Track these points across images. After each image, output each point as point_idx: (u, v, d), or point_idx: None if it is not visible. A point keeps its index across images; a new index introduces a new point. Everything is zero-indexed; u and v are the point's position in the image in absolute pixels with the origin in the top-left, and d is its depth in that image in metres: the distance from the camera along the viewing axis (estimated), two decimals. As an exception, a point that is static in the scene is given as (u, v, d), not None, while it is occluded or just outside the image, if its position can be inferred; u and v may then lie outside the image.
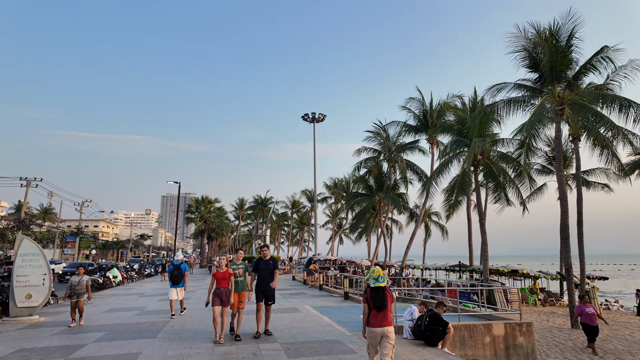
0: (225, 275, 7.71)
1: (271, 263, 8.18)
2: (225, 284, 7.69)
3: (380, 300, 4.99)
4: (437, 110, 28.42)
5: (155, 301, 15.09)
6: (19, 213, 40.35)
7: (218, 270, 7.79)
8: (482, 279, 19.80)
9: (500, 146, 20.52)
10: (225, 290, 7.69)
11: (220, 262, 7.85)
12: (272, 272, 8.13)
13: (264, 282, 8.00)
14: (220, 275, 7.73)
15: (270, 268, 8.13)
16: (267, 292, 8.04)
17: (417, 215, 37.16)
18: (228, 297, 7.66)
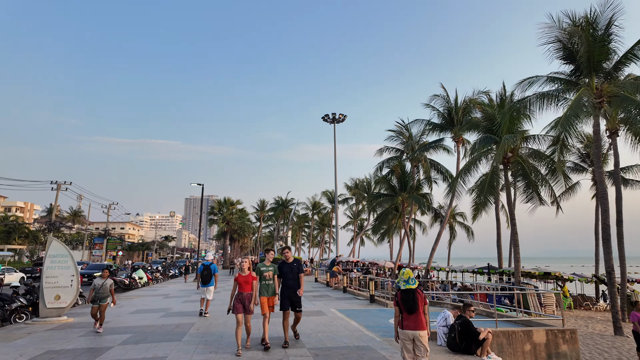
0: (247, 279, 7.12)
1: (295, 266, 7.59)
2: (247, 288, 7.10)
3: (410, 302, 4.95)
4: (463, 107, 27.58)
5: (179, 302, 15.09)
6: (51, 216, 41.74)
7: (240, 274, 7.19)
8: (513, 281, 18.93)
9: (531, 143, 19.62)
10: (247, 295, 7.10)
11: (242, 265, 7.22)
12: (297, 277, 7.53)
13: (290, 287, 7.43)
14: (243, 279, 7.12)
15: (295, 272, 7.54)
16: (294, 299, 7.47)
17: (442, 215, 36.28)
18: (250, 303, 7.07)
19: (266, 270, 7.44)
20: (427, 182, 31.93)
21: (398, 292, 5.15)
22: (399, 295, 5.09)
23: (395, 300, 5.17)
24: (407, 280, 5.13)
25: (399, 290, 5.14)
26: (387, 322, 10.26)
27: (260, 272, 7.42)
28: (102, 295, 9.37)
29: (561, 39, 15.09)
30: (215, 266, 11.52)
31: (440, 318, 7.48)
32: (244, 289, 7.12)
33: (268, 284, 7.40)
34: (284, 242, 43.29)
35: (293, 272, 7.49)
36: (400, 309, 5.08)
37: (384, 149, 34.41)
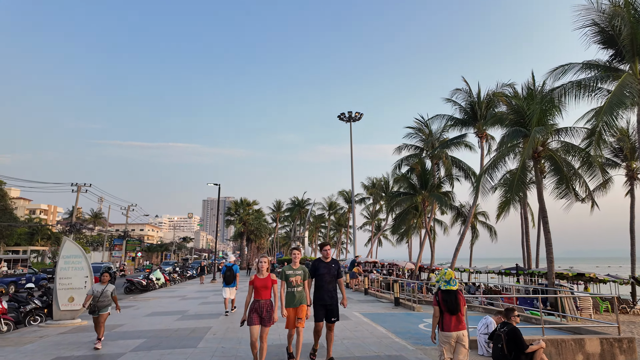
0: (266, 283, 5.80)
1: (334, 267, 6.24)
2: (266, 294, 5.77)
3: (453, 303, 4.95)
4: (486, 101, 26.47)
5: (196, 304, 14.63)
6: (72, 217, 42.36)
7: (257, 277, 5.85)
8: (546, 283, 17.81)
9: (563, 136, 18.46)
10: (266, 303, 5.76)
11: (261, 266, 5.88)
12: (335, 280, 6.24)
13: (326, 292, 6.13)
14: (260, 282, 5.79)
15: (334, 274, 6.21)
16: (330, 306, 6.10)
17: (465, 214, 35.05)
18: (270, 312, 5.71)
19: (293, 274, 6.06)
20: (448, 180, 30.85)
21: (439, 292, 5.14)
22: (440, 296, 5.07)
23: (436, 301, 5.12)
24: (448, 281, 5.09)
25: (440, 291, 5.13)
26: (417, 328, 9.49)
27: (286, 277, 6.07)
28: (102, 304, 7.92)
29: (599, 21, 13.99)
30: (237, 267, 12.41)
31: (482, 325, 6.69)
32: (262, 295, 5.77)
33: (296, 291, 6.02)
34: (301, 243, 42.76)
35: (331, 274, 6.22)
36: (440, 309, 5.05)
37: (403, 147, 33.43)
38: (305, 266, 6.26)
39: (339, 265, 6.36)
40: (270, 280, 5.86)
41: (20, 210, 78.34)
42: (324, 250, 6.35)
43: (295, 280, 6.06)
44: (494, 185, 24.96)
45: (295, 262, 6.16)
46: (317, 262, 6.35)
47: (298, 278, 6.09)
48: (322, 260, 6.33)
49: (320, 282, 6.21)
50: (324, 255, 6.35)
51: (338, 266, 6.35)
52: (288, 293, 6.04)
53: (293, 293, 6.02)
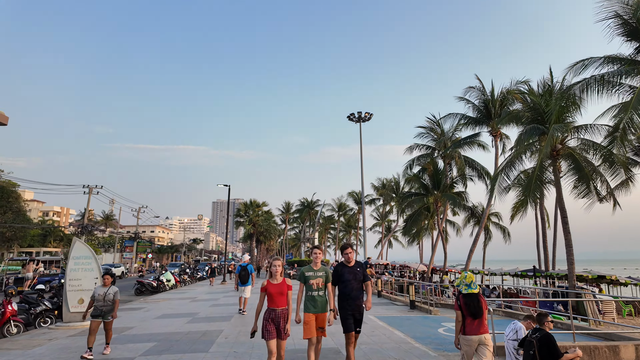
0: (281, 288, 5.03)
1: (360, 271, 5.57)
2: (282, 302, 5.00)
3: (475, 307, 4.89)
4: (500, 99, 25.89)
5: (207, 306, 14.40)
6: (84, 219, 42.68)
7: (270, 282, 5.07)
8: (566, 285, 17.20)
9: (582, 133, 17.84)
10: (283, 313, 4.99)
11: (274, 270, 5.09)
12: (361, 285, 5.54)
13: (352, 299, 5.42)
14: (274, 289, 5.00)
15: (359, 279, 5.52)
16: (358, 315, 5.49)
17: (479, 215, 34.39)
18: (286, 322, 4.99)
19: (314, 276, 5.33)
20: (461, 180, 30.27)
21: (460, 296, 5.06)
22: (461, 300, 4.99)
23: (457, 305, 5.05)
24: (469, 285, 5.03)
25: (461, 295, 5.05)
26: (437, 332, 9.09)
27: (305, 279, 5.36)
28: (106, 309, 7.25)
29: (622, 13, 13.43)
30: (252, 267, 12.66)
31: (510, 330, 6.28)
32: (277, 303, 5.00)
33: (317, 295, 5.28)
34: (311, 244, 42.42)
35: (357, 280, 5.49)
36: (463, 313, 4.96)
37: (414, 147, 32.93)
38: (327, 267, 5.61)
39: (364, 268, 5.69)
40: (286, 286, 5.06)
41: (34, 212, 79.56)
42: (346, 254, 5.61)
43: (316, 283, 5.29)
44: (508, 185, 24.34)
45: (316, 262, 5.43)
46: (340, 267, 5.60)
47: (319, 280, 5.31)
48: (345, 265, 5.60)
49: (346, 289, 5.47)
50: (346, 258, 5.62)
51: (364, 269, 5.67)
52: (308, 297, 5.30)
53: (314, 297, 5.27)
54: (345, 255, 5.65)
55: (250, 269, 12.49)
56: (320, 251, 5.56)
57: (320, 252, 5.55)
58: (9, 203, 44.26)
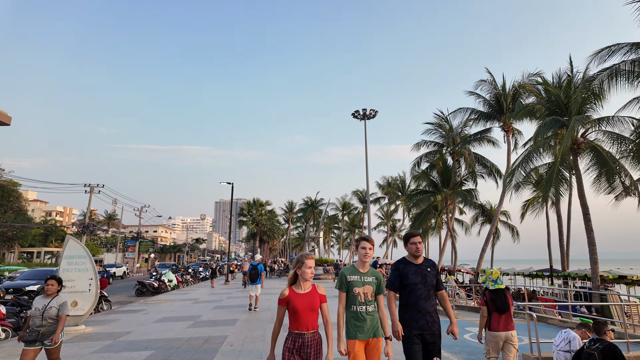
0: (312, 301, 3.30)
1: (431, 272, 3.87)
2: (313, 321, 3.28)
3: (502, 302, 4.89)
4: (512, 93, 25.03)
5: (209, 309, 13.62)
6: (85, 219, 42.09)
7: (294, 291, 3.35)
8: (590, 286, 16.32)
9: (604, 126, 16.94)
10: (314, 338, 3.28)
11: (303, 272, 3.37)
12: (433, 294, 3.83)
13: (422, 313, 3.70)
14: (303, 302, 3.29)
15: (431, 283, 3.82)
16: (431, 338, 3.70)
17: (489, 213, 33.52)
18: (319, 354, 3.30)
19: (361, 282, 3.56)
20: (471, 177, 29.43)
21: (486, 292, 5.05)
22: (488, 296, 4.99)
23: (484, 300, 5.05)
24: (495, 280, 5.06)
25: (487, 290, 5.05)
26: (463, 339, 8.26)
27: (348, 285, 3.56)
28: (46, 329, 4.91)
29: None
30: (262, 266, 12.83)
31: (561, 340, 5.45)
32: (306, 323, 3.26)
33: (365, 312, 3.50)
34: (316, 244, 41.63)
35: (427, 284, 3.79)
36: (489, 309, 4.98)
37: (422, 143, 32.11)
38: (377, 270, 3.78)
39: (437, 269, 3.95)
40: (319, 296, 3.34)
41: (37, 212, 79.21)
42: (413, 243, 3.86)
43: (364, 293, 3.53)
44: (523, 181, 23.40)
45: (365, 261, 3.64)
46: (402, 264, 3.92)
47: (368, 289, 3.55)
48: (409, 261, 3.91)
49: (411, 297, 3.76)
50: (412, 251, 3.88)
51: (436, 270, 3.94)
52: (351, 315, 3.53)
53: (361, 315, 3.48)
54: (412, 246, 3.86)
55: (261, 268, 12.82)
56: (372, 245, 3.66)
57: (371, 246, 3.65)
58: (10, 202, 43.73)
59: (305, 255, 3.38)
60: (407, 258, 3.97)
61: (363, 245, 3.65)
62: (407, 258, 3.97)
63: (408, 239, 3.96)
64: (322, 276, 33.64)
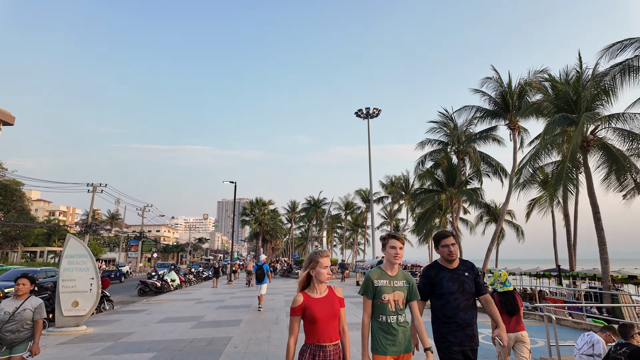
0: (332, 306, 2.84)
1: (469, 277, 3.33)
2: (334, 330, 2.83)
3: (512, 304, 4.89)
4: (518, 90, 24.69)
5: (213, 309, 13.41)
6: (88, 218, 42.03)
7: (308, 295, 2.87)
8: (600, 287, 15.99)
9: (614, 122, 16.61)
10: (335, 352, 2.81)
11: (317, 273, 2.87)
12: (473, 302, 3.31)
13: (461, 326, 3.18)
14: (322, 308, 2.81)
15: (470, 291, 3.29)
16: (472, 353, 3.22)
17: (495, 212, 33.20)
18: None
19: (390, 288, 3.05)
20: (476, 176, 29.12)
21: (495, 294, 5.02)
22: (496, 298, 4.96)
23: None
24: (504, 282, 5.03)
25: (496, 293, 5.02)
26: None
27: (375, 290, 3.04)
28: (17, 336, 4.25)
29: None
30: (267, 266, 13.27)
31: (584, 343, 5.19)
32: (327, 334, 2.79)
33: (396, 322, 2.98)
34: (319, 243, 41.39)
35: (466, 291, 3.26)
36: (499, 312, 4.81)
37: (426, 142, 31.81)
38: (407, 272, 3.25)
39: (476, 271, 3.41)
40: (338, 300, 2.87)
41: (41, 212, 79.34)
42: (444, 247, 3.36)
43: (395, 301, 3.00)
44: (530, 180, 23.07)
45: (394, 263, 3.11)
46: (434, 270, 3.37)
47: (399, 295, 3.03)
48: (442, 266, 3.38)
49: (448, 308, 3.22)
50: (446, 255, 3.35)
51: (475, 273, 3.39)
52: (380, 326, 2.98)
53: (391, 327, 2.95)
54: (445, 249, 3.35)
55: (266, 268, 13.25)
56: (402, 244, 3.13)
57: (402, 245, 3.12)
58: (13, 202, 43.74)
59: (319, 253, 2.88)
60: (439, 262, 3.46)
61: (392, 243, 3.13)
62: (440, 262, 3.45)
63: (439, 241, 3.43)
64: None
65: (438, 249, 3.46)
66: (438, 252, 3.46)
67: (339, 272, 34.29)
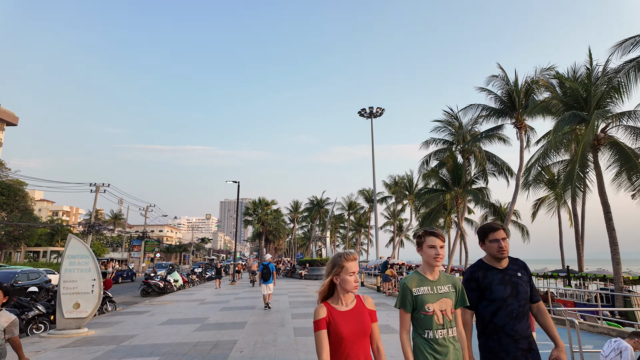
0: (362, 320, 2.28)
1: (522, 278, 2.77)
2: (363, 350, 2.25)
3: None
4: (525, 88, 24.37)
5: (217, 310, 13.18)
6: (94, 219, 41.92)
7: (332, 307, 2.30)
8: (612, 288, 15.67)
9: (626, 120, 16.28)
10: None
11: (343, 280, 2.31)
12: (527, 309, 2.76)
13: (515, 338, 2.63)
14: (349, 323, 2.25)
15: (525, 295, 2.73)
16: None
17: (501, 212, 32.86)
18: None
19: (434, 295, 2.52)
20: (482, 175, 28.82)
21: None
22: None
23: None
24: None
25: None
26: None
27: (415, 301, 2.51)
28: None
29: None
30: (273, 265, 13.48)
31: (611, 350, 4.91)
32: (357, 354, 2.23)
33: (443, 338, 2.45)
34: (323, 243, 41.14)
35: (521, 295, 2.72)
36: None
37: (430, 141, 31.47)
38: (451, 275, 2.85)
39: (529, 273, 2.90)
40: (368, 313, 2.35)
41: (44, 212, 79.48)
42: (493, 241, 2.75)
43: (443, 311, 2.50)
44: (534, 180, 22.74)
45: (435, 265, 2.59)
46: (481, 270, 2.81)
47: (447, 304, 2.52)
48: (490, 266, 2.81)
49: (499, 317, 2.67)
50: (493, 251, 2.76)
51: (529, 274, 2.88)
52: (426, 344, 2.46)
53: (437, 344, 2.44)
54: (494, 244, 2.74)
55: (272, 267, 13.40)
56: (443, 242, 2.60)
57: (442, 244, 2.59)
58: (16, 202, 43.70)
59: (345, 256, 2.34)
60: (485, 261, 2.84)
61: (431, 242, 2.56)
62: (486, 261, 2.84)
63: (486, 235, 2.79)
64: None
65: (484, 245, 2.84)
66: (484, 248, 2.86)
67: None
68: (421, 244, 2.64)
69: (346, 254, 2.36)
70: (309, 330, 9.14)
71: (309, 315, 11.50)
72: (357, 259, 2.38)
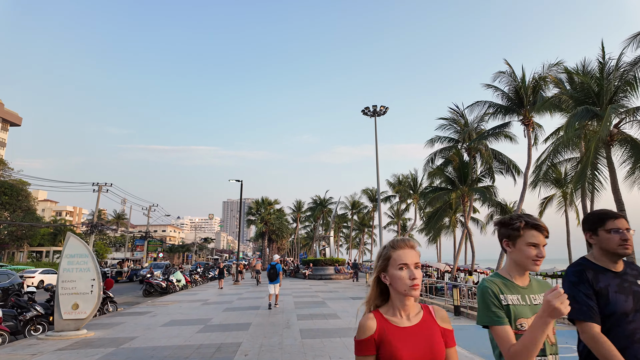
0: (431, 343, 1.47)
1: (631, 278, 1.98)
2: None
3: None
4: (532, 85, 23.92)
5: (220, 311, 12.85)
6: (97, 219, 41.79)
7: (387, 320, 1.51)
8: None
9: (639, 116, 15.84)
10: None
11: (393, 277, 1.52)
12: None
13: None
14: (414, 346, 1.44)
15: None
16: None
17: (508, 211, 32.39)
18: None
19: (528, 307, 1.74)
20: (488, 174, 28.37)
21: None
22: None
23: None
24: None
25: None
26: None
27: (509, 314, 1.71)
28: None
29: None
30: (280, 266, 13.27)
31: None
32: None
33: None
34: (326, 243, 40.80)
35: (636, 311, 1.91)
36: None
37: (436, 139, 31.03)
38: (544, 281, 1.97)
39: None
40: (440, 332, 1.54)
41: (48, 212, 79.57)
42: (614, 232, 1.96)
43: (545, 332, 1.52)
44: (543, 177, 22.29)
45: (530, 268, 1.77)
46: (591, 271, 1.99)
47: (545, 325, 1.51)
48: (601, 267, 2.01)
49: (617, 336, 1.88)
50: (615, 244, 1.96)
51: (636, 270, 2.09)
52: None
53: None
54: (615, 235, 1.97)
55: (279, 267, 13.26)
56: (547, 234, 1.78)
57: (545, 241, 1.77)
58: (19, 202, 43.65)
59: (393, 244, 1.59)
60: (593, 261, 2.05)
61: (532, 238, 1.75)
62: (594, 260, 2.05)
63: (603, 222, 2.01)
64: (333, 276, 32.79)
65: (597, 236, 2.03)
66: (594, 240, 2.05)
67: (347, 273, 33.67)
68: (515, 238, 1.77)
69: (395, 240, 1.59)
70: (316, 332, 8.79)
71: (315, 317, 11.15)
72: (416, 247, 1.59)
